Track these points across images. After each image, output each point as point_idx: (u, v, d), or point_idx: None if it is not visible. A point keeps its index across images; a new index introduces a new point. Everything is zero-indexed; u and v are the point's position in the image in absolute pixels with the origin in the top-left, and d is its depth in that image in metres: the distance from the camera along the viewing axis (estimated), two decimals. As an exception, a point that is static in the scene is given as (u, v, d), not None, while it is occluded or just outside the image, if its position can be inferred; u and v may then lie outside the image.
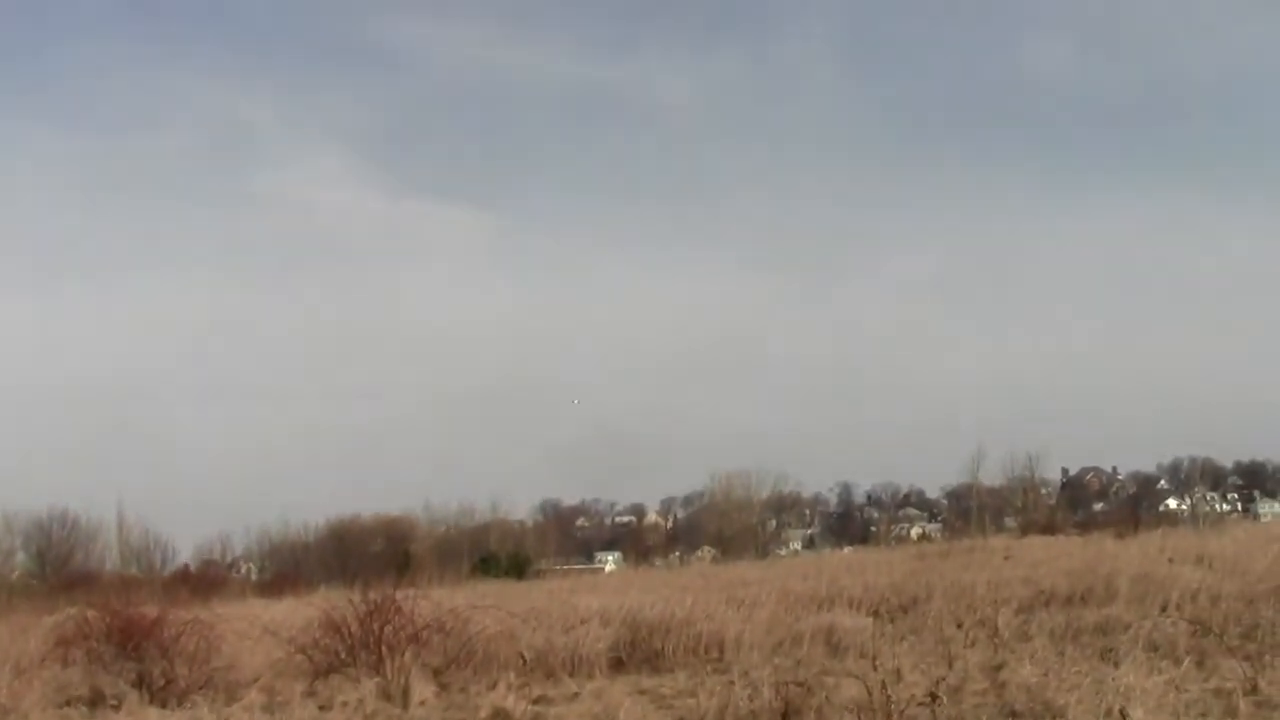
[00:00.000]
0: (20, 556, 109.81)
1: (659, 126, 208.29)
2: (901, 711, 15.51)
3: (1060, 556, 50.41)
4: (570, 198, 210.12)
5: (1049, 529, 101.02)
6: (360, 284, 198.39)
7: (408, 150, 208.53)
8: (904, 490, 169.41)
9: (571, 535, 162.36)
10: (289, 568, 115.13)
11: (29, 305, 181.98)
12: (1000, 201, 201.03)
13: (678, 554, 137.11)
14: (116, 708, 23.23)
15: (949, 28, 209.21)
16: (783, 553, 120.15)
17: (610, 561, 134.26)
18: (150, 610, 27.40)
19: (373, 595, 26.40)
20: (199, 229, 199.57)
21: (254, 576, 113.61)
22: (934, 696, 14.47)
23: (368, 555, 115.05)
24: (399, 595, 26.66)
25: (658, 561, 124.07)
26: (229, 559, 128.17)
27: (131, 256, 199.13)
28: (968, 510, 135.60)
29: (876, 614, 32.06)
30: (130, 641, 25.47)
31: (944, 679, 16.66)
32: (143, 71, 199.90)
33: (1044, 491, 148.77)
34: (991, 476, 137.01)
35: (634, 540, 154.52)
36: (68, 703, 23.95)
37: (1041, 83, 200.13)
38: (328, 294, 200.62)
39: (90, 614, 27.19)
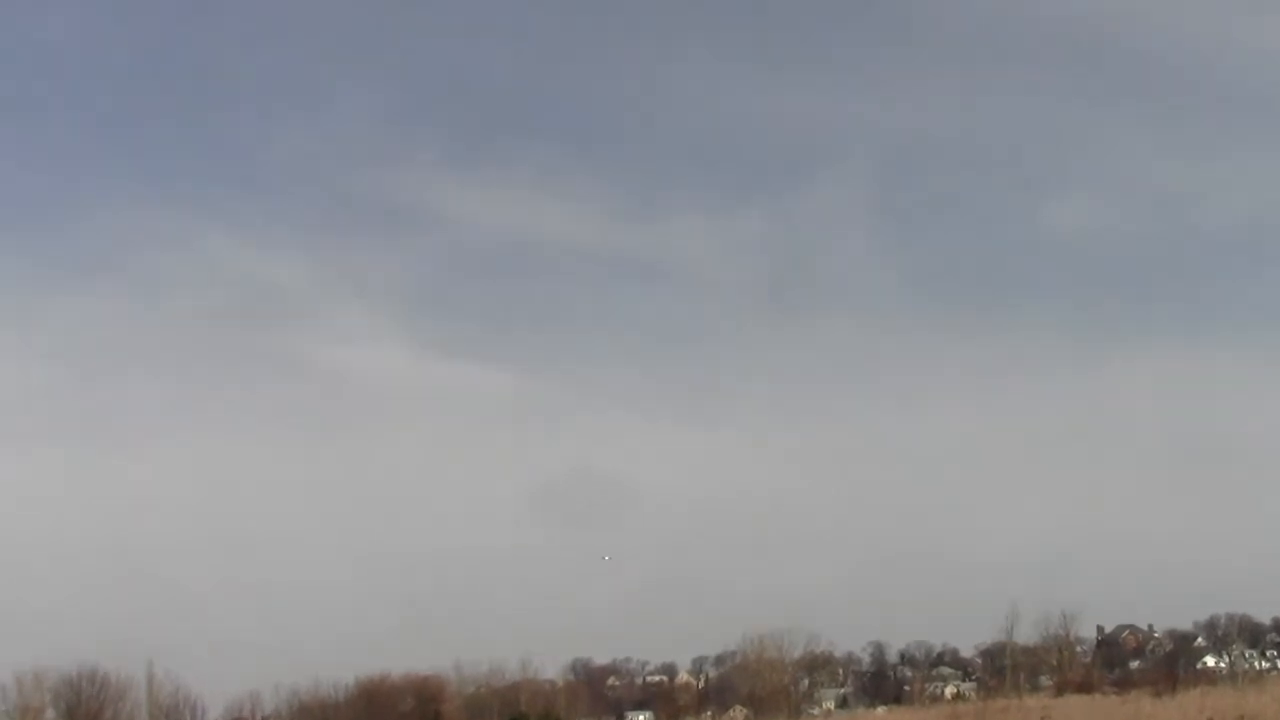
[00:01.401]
0: (49, 714, 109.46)
1: (686, 287, 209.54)
2: None
3: (1098, 716, 49.85)
4: (595, 358, 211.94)
5: (1085, 688, 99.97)
6: (388, 443, 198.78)
7: (436, 310, 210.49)
8: (937, 649, 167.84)
9: (602, 695, 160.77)
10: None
11: (58, 465, 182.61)
12: (1028, 360, 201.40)
13: (709, 714, 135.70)
14: None
15: (971, 188, 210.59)
16: (815, 712, 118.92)
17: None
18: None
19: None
20: (225, 388, 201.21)
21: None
22: None
23: (397, 714, 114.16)
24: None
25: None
26: (259, 717, 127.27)
27: (159, 415, 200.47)
28: (1002, 669, 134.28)
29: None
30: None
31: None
32: (173, 234, 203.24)
33: (1079, 650, 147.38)
34: (1026, 635, 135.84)
35: (665, 700, 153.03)
36: None
37: (1063, 242, 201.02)
38: (356, 452, 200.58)
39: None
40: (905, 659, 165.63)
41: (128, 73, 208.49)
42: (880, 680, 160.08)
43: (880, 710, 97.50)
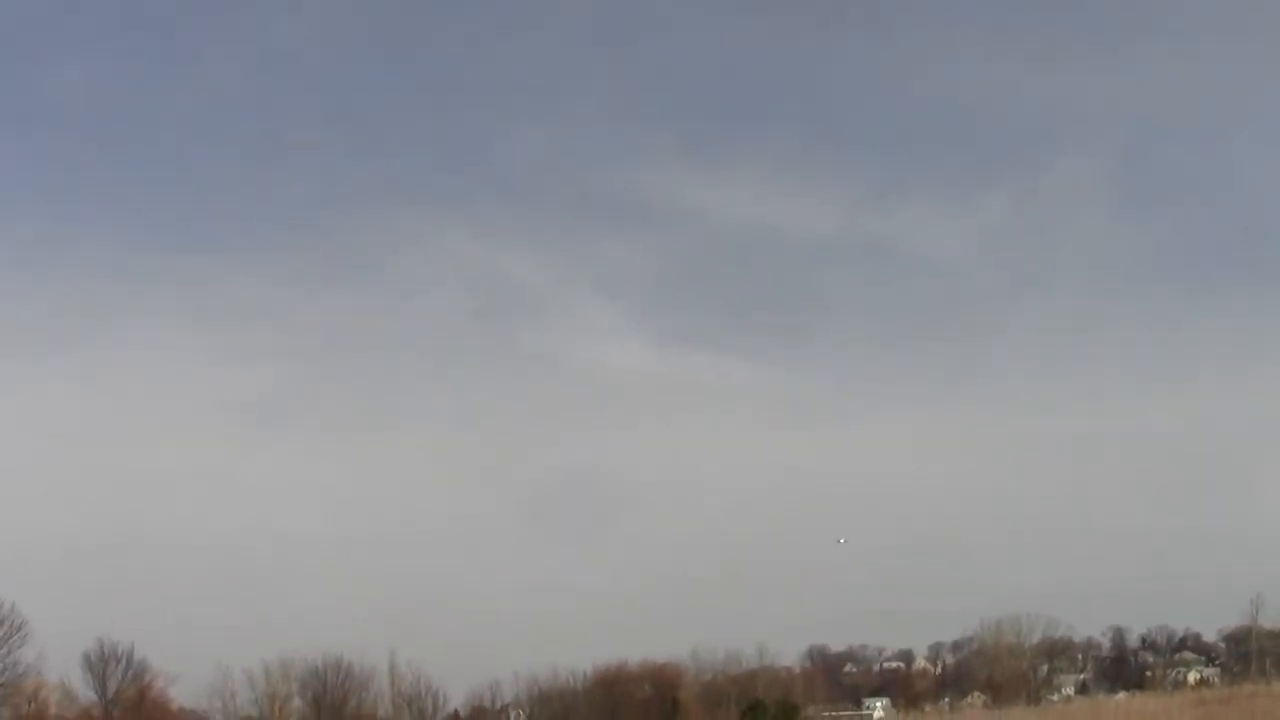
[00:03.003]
0: (296, 702, 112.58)
1: (929, 274, 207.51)
2: None
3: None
4: (837, 346, 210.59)
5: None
6: (634, 434, 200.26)
7: (677, 303, 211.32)
8: (1180, 634, 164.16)
9: (839, 682, 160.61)
10: (558, 714, 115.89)
11: (306, 458, 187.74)
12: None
13: (947, 700, 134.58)
14: None
15: (1218, 161, 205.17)
16: (1055, 699, 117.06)
17: (879, 708, 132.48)
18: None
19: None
20: (475, 384, 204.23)
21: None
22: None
23: (635, 702, 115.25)
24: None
25: (927, 708, 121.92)
26: (499, 705, 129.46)
27: (410, 411, 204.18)
28: (1247, 655, 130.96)
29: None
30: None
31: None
32: (422, 235, 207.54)
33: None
34: (1272, 619, 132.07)
35: (902, 686, 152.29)
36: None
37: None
38: (602, 445, 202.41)
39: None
40: (1146, 644, 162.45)
41: (375, 78, 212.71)
42: (1120, 666, 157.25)
43: (1122, 696, 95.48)
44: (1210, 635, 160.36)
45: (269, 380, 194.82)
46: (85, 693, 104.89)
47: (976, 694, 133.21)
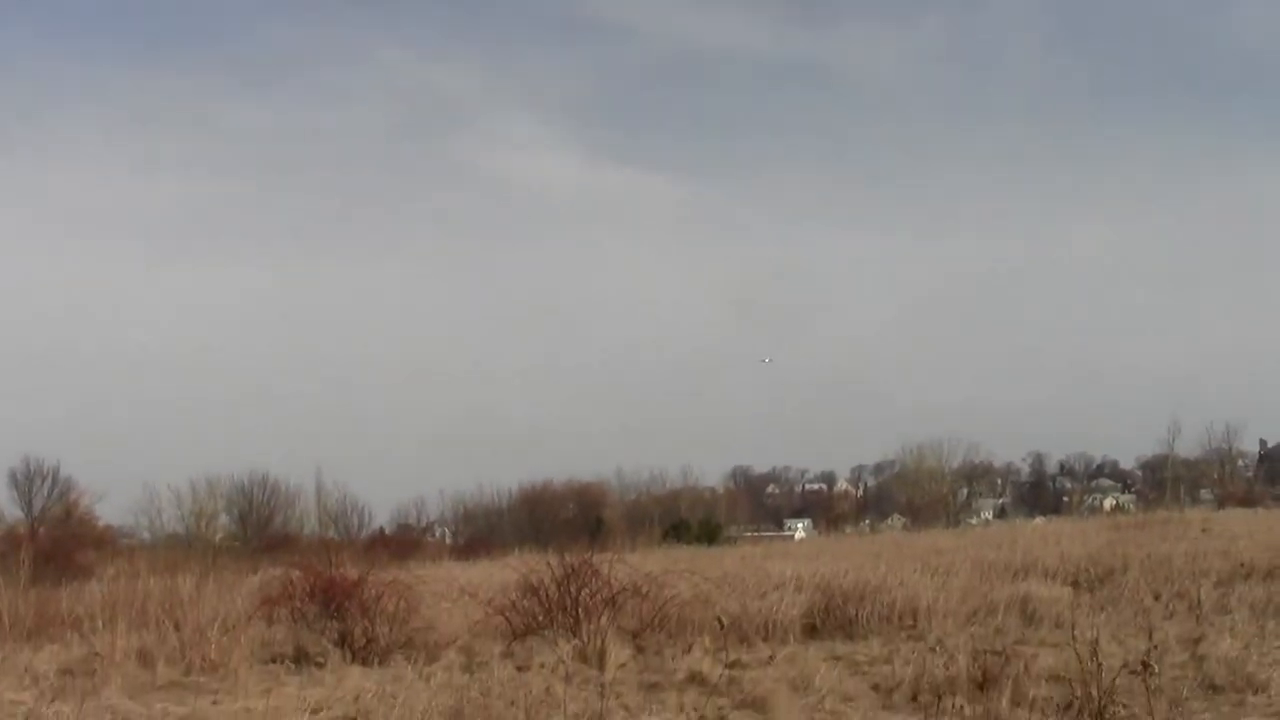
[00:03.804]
0: (223, 519, 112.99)
1: (858, 98, 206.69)
2: (1112, 681, 15.17)
3: (1260, 530, 49.23)
4: (766, 164, 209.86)
5: (1247, 502, 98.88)
6: (557, 252, 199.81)
7: (607, 119, 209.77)
8: (1097, 461, 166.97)
9: (762, 503, 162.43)
10: (483, 532, 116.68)
11: (234, 276, 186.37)
12: (1208, 166, 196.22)
13: (868, 522, 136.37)
14: (320, 665, 23.72)
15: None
16: (974, 522, 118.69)
17: (800, 529, 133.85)
18: (351, 572, 27.86)
19: (569, 559, 26.59)
20: (396, 201, 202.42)
21: (449, 541, 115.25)
22: (1146, 665, 14.06)
23: (559, 521, 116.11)
24: (594, 559, 26.81)
25: (848, 529, 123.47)
26: (424, 523, 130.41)
27: (327, 230, 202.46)
28: (1163, 482, 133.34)
29: (1076, 584, 31.56)
30: (332, 601, 25.94)
31: (1154, 648, 16.25)
32: (342, 45, 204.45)
33: (1241, 463, 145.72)
34: (1188, 448, 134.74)
35: (824, 508, 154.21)
36: (273, 659, 24.52)
37: (1252, 48, 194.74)
38: (523, 262, 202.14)
39: (294, 575, 27.72)
40: (1064, 470, 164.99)
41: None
42: (1039, 491, 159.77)
43: (1039, 520, 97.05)
44: (1128, 463, 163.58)
45: (190, 192, 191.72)
46: (11, 511, 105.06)
47: (896, 516, 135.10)
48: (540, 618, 25.85)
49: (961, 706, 16.55)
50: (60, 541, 78.27)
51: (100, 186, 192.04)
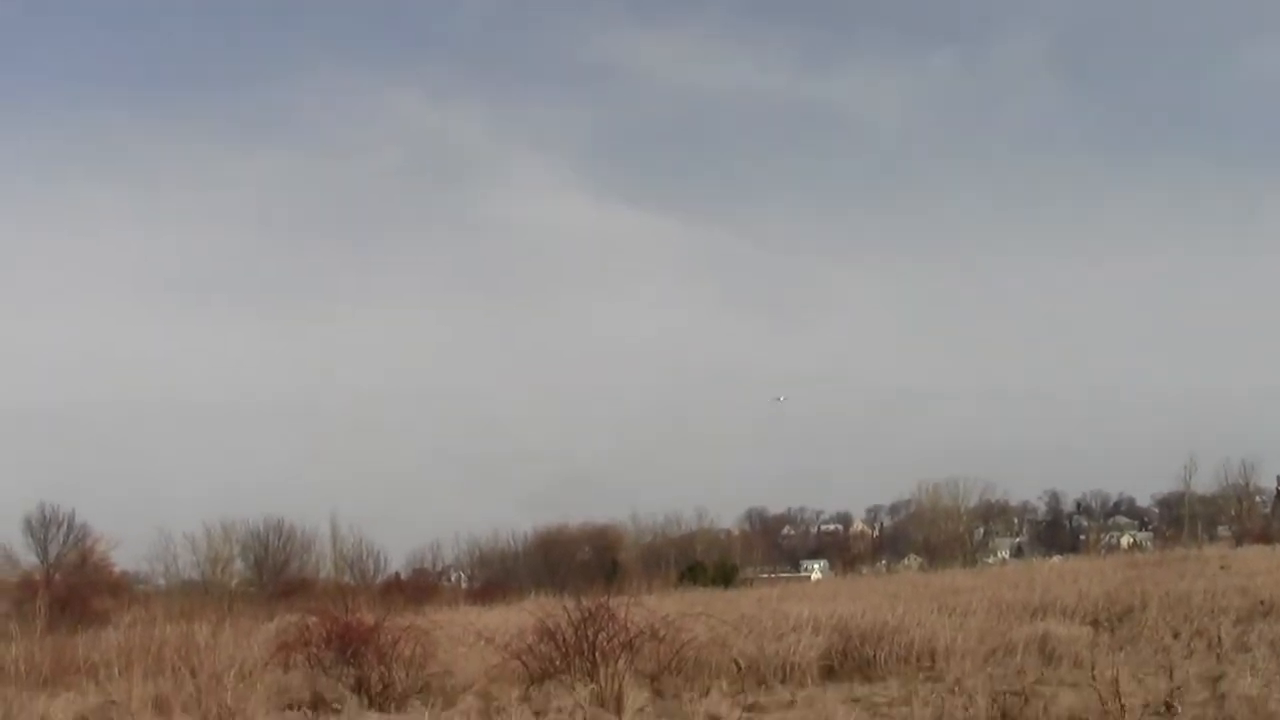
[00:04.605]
0: (238, 564, 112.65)
1: (868, 138, 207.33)
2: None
3: (1278, 567, 49.02)
4: (777, 209, 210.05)
5: (1265, 538, 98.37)
6: (566, 295, 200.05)
7: (616, 163, 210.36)
8: (1114, 498, 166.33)
9: (777, 544, 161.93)
10: (498, 576, 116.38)
11: (244, 324, 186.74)
12: (1220, 204, 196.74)
13: (884, 562, 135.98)
14: (337, 711, 23.66)
15: (1163, 34, 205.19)
16: (990, 561, 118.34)
17: (816, 570, 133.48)
18: (367, 617, 27.81)
19: (585, 602, 26.51)
20: (407, 246, 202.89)
21: (464, 585, 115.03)
22: (1169, 706, 13.98)
23: (575, 564, 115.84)
24: (610, 603, 26.71)
25: (864, 570, 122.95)
26: (439, 568, 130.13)
27: (346, 274, 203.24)
28: (1179, 519, 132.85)
29: (1095, 623, 31.41)
30: (349, 647, 25.89)
31: (1176, 688, 16.16)
32: (352, 93, 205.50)
33: (1259, 500, 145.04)
34: (1204, 485, 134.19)
35: (840, 549, 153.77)
36: (290, 706, 24.46)
37: (1262, 89, 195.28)
38: (534, 305, 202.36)
39: (310, 620, 27.67)
40: (1081, 508, 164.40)
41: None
42: (1055, 529, 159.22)
43: (1056, 559, 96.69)
44: (1144, 500, 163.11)
45: (198, 245, 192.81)
46: (27, 557, 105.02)
47: (913, 556, 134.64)
48: (557, 662, 25.77)
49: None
50: (76, 588, 78.35)
51: (113, 237, 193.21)
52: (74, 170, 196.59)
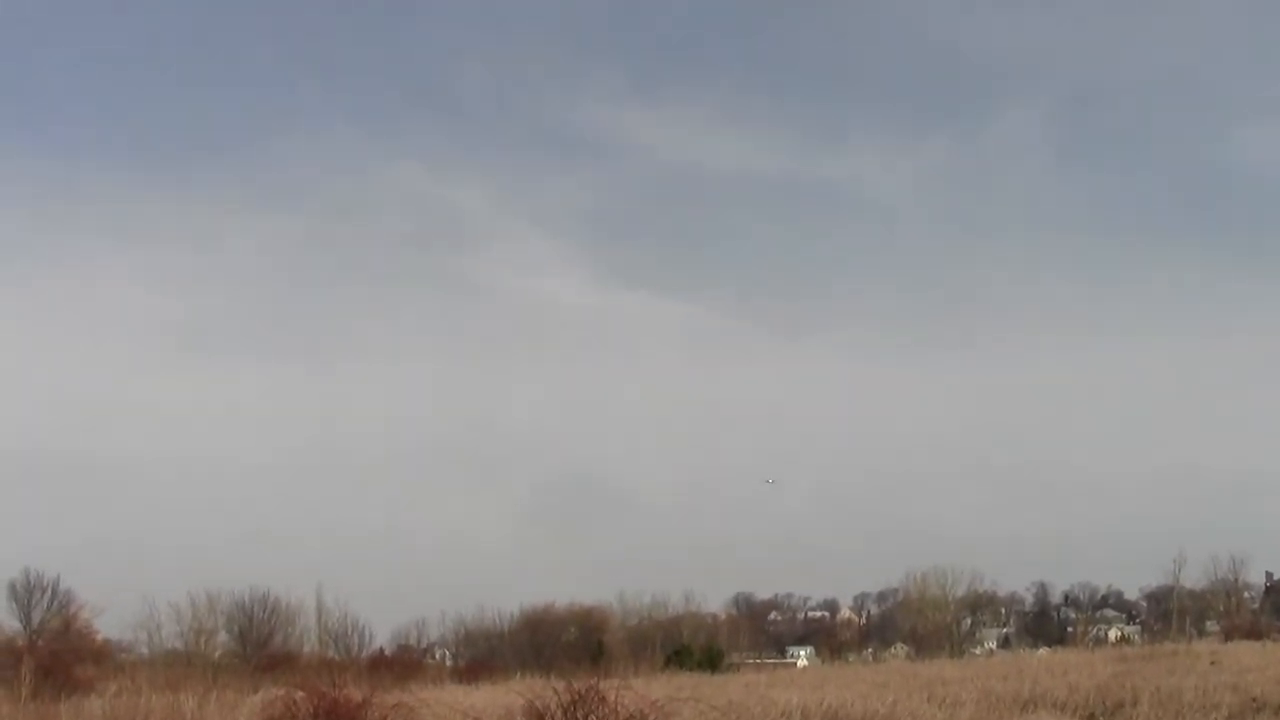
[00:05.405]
0: (222, 636, 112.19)
1: (867, 216, 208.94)
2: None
3: (1270, 663, 48.92)
4: (776, 286, 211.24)
5: (1254, 634, 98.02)
6: (562, 370, 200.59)
7: (615, 239, 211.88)
8: (1102, 591, 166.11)
9: (764, 630, 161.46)
10: (484, 654, 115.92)
11: (231, 393, 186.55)
12: (1212, 294, 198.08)
13: (871, 651, 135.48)
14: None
15: (1159, 116, 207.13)
16: (977, 652, 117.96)
17: (803, 657, 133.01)
18: (354, 693, 27.71)
19: (575, 684, 26.40)
20: (406, 314, 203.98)
21: (449, 662, 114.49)
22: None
23: (561, 644, 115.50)
24: (599, 685, 26.60)
25: (851, 657, 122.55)
26: (424, 644, 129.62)
27: (346, 339, 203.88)
28: (1168, 613, 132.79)
29: (1091, 717, 31.33)
30: (336, 723, 25.80)
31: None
32: (355, 160, 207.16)
33: (1247, 595, 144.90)
34: (1193, 579, 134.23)
35: (826, 635, 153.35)
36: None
37: (1256, 171, 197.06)
38: (528, 379, 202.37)
39: (297, 695, 27.56)
40: (1069, 600, 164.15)
41: (316, 3, 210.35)
42: (1043, 621, 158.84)
43: (1044, 651, 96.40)
44: (1132, 593, 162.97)
45: (198, 304, 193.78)
46: (9, 623, 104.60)
47: (900, 645, 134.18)
48: (547, 744, 25.67)
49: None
50: (59, 655, 77.88)
51: (110, 294, 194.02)
52: (79, 228, 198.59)
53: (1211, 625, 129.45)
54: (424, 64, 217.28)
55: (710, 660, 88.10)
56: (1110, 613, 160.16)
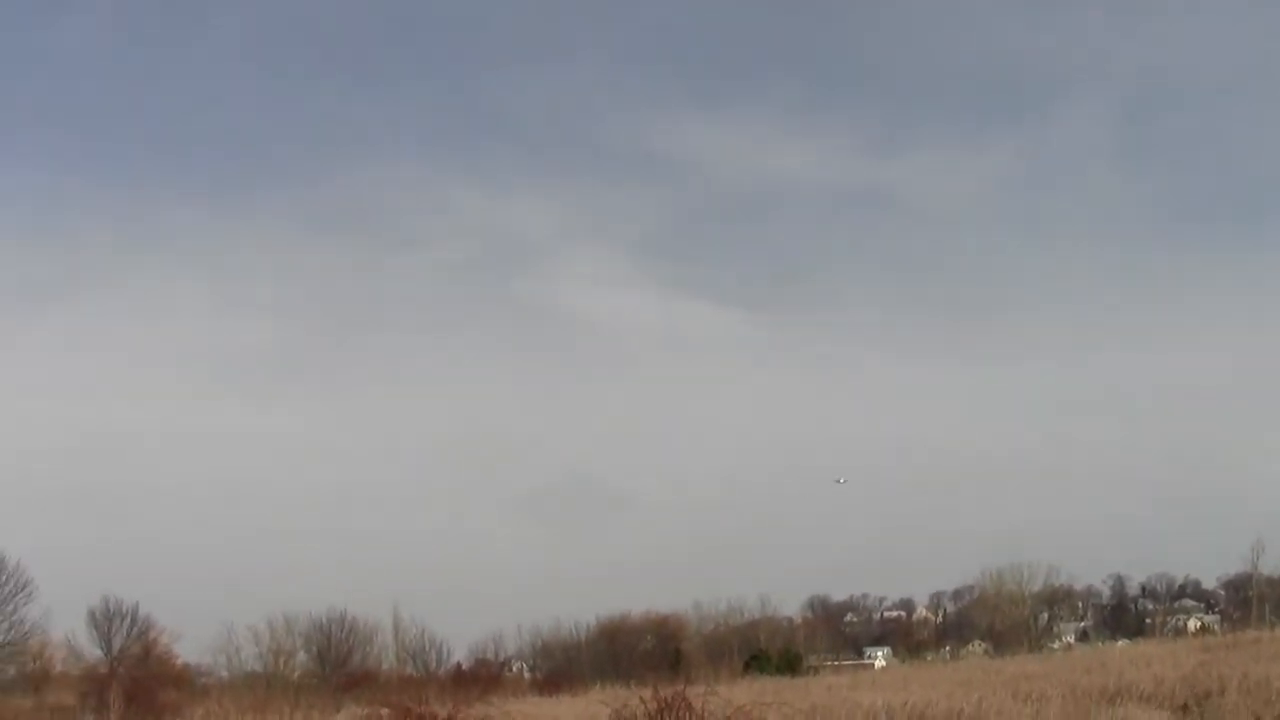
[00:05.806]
0: (301, 656, 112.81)
1: (929, 221, 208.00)
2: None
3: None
4: (841, 295, 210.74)
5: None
6: (631, 385, 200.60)
7: (679, 252, 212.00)
8: (1179, 581, 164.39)
9: (840, 631, 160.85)
10: (561, 666, 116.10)
11: (306, 416, 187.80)
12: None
13: (948, 649, 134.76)
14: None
15: (1222, 118, 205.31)
16: (1055, 646, 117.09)
17: (880, 657, 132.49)
18: (438, 708, 27.79)
19: (662, 692, 26.37)
20: (476, 337, 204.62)
21: (526, 675, 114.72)
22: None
23: (638, 653, 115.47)
24: (685, 692, 26.57)
25: (929, 656, 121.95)
26: (501, 658, 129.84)
27: (410, 365, 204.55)
28: (1247, 601, 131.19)
29: (1185, 708, 31.03)
30: (425, 738, 25.88)
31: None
32: (414, 186, 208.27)
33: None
34: (1272, 566, 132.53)
35: (903, 635, 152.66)
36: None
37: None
38: (597, 397, 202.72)
39: (382, 712, 27.69)
40: (1146, 592, 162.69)
41: (378, 24, 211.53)
42: (1121, 613, 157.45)
43: (1123, 643, 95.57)
44: (1210, 583, 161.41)
45: (267, 331, 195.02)
46: (91, 650, 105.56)
47: (977, 642, 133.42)
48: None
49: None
50: (142, 681, 78.63)
51: (180, 325, 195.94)
52: (148, 261, 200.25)
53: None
54: (476, 82, 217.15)
55: (789, 664, 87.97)
56: (1188, 603, 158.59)
